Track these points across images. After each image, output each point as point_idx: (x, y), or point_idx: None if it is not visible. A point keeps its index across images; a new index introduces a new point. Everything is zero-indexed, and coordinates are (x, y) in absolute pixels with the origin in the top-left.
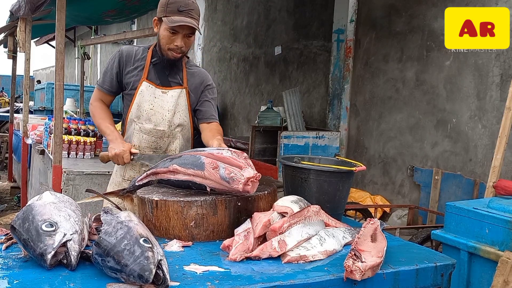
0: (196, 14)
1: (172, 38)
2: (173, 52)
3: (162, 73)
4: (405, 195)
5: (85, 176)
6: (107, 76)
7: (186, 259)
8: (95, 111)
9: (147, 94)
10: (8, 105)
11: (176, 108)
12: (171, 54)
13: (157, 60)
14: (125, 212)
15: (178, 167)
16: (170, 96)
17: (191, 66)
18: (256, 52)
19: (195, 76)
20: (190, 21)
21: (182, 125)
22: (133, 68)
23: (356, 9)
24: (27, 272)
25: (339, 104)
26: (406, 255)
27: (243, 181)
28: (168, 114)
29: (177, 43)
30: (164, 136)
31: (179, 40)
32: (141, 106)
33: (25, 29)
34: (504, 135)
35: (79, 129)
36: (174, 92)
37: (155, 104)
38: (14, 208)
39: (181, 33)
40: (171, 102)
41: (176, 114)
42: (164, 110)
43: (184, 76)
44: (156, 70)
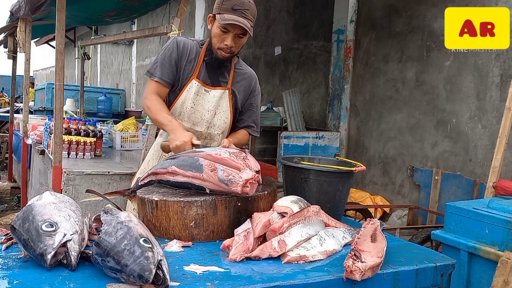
0: (250, 15)
1: (223, 36)
2: (222, 51)
3: (213, 72)
4: (405, 195)
5: (85, 176)
6: (165, 67)
7: (186, 259)
8: (151, 105)
9: (193, 92)
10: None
11: (217, 109)
12: (220, 53)
13: (209, 59)
14: (125, 212)
15: (177, 169)
16: (212, 96)
17: (241, 66)
18: (256, 52)
19: (242, 77)
20: (242, 21)
21: (222, 127)
22: (187, 62)
23: (356, 9)
24: (27, 272)
25: (339, 104)
26: (406, 255)
27: (241, 183)
28: (208, 114)
29: (227, 42)
30: (201, 137)
31: (229, 39)
32: (185, 103)
33: (25, 29)
34: (504, 135)
35: (79, 129)
36: (216, 92)
37: (197, 102)
38: (14, 208)
39: (232, 32)
40: (212, 102)
41: (217, 115)
42: (204, 110)
43: (231, 76)
44: (207, 68)
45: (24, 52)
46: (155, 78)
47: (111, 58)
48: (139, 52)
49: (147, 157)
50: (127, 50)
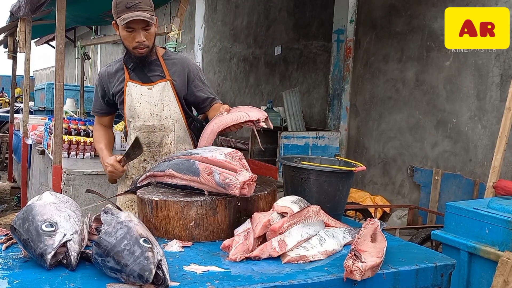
0: (145, 5)
1: (132, 36)
2: (137, 49)
3: (142, 73)
4: (405, 195)
5: (85, 176)
6: (96, 101)
7: (186, 259)
8: (94, 136)
9: (134, 93)
10: (8, 105)
11: (164, 101)
12: (137, 52)
13: (133, 65)
14: (125, 212)
15: (174, 172)
16: (155, 91)
17: (169, 56)
18: (256, 52)
19: (175, 65)
20: (140, 14)
21: (174, 117)
22: (116, 79)
23: (356, 9)
24: (27, 272)
25: (339, 104)
26: (406, 255)
27: (239, 186)
28: (156, 109)
29: (138, 39)
30: (155, 131)
31: (138, 35)
32: (131, 105)
33: (25, 29)
34: (504, 135)
35: (79, 129)
36: (158, 86)
37: (142, 101)
38: (14, 208)
39: (137, 28)
40: (157, 96)
41: (165, 107)
42: (151, 106)
43: (164, 68)
44: (136, 73)
45: (24, 52)
46: (92, 113)
47: (111, 58)
48: None
49: None
50: None
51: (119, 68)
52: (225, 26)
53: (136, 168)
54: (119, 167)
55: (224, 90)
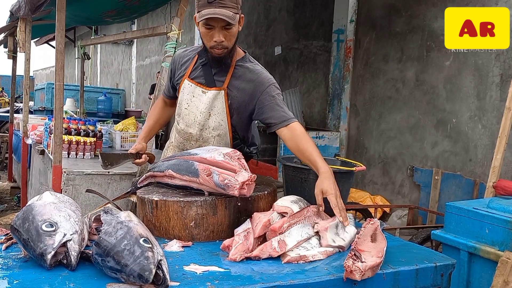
0: (230, 2)
1: (210, 33)
2: (214, 49)
3: (209, 72)
4: (405, 195)
5: (85, 176)
6: (166, 82)
7: (186, 259)
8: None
9: (186, 92)
10: (8, 105)
11: (212, 110)
12: (214, 52)
13: (204, 61)
14: (125, 212)
15: (174, 173)
16: (206, 97)
17: (244, 63)
18: (256, 52)
19: (243, 75)
20: (220, 12)
21: (217, 129)
22: (181, 68)
23: (356, 9)
24: (27, 272)
25: (339, 104)
26: (406, 255)
27: (238, 187)
28: (200, 116)
29: (215, 39)
30: (192, 139)
31: (216, 34)
32: (181, 104)
33: (25, 29)
34: (504, 135)
35: (79, 129)
36: (211, 93)
37: (191, 104)
38: (14, 208)
39: (217, 26)
40: (206, 103)
41: (212, 116)
42: (197, 111)
43: (229, 75)
44: (204, 69)
45: (24, 52)
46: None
47: (111, 58)
48: (139, 52)
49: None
50: (127, 50)
51: (191, 58)
52: None
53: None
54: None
55: None
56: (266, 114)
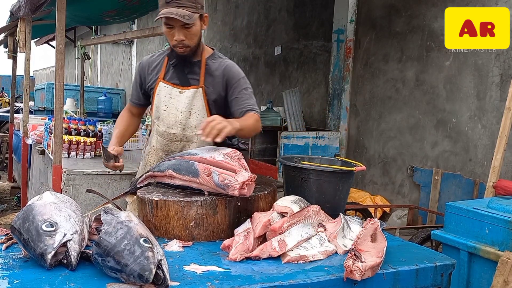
0: (187, 1)
1: (171, 33)
2: (177, 48)
3: (181, 73)
4: (405, 195)
5: (85, 176)
6: (133, 88)
7: (186, 259)
8: (117, 120)
9: (163, 94)
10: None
11: (192, 109)
12: (177, 50)
13: (174, 62)
14: (125, 212)
15: (174, 173)
16: (185, 97)
17: (213, 60)
18: (256, 52)
19: (215, 71)
20: (175, 12)
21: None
22: (152, 72)
23: (356, 9)
24: (27, 272)
25: (339, 104)
26: (406, 255)
27: (238, 187)
28: (181, 116)
29: (176, 38)
30: (176, 140)
31: (176, 33)
32: (159, 107)
33: (25, 29)
34: (504, 135)
35: (79, 129)
36: (189, 92)
37: (170, 105)
38: (14, 208)
39: (176, 26)
40: (185, 103)
41: (192, 115)
42: (177, 112)
43: (202, 73)
44: (176, 70)
45: (24, 52)
46: (129, 101)
47: (111, 58)
48: (139, 52)
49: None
50: (127, 50)
51: (160, 61)
52: (225, 26)
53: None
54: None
55: None
56: (235, 107)
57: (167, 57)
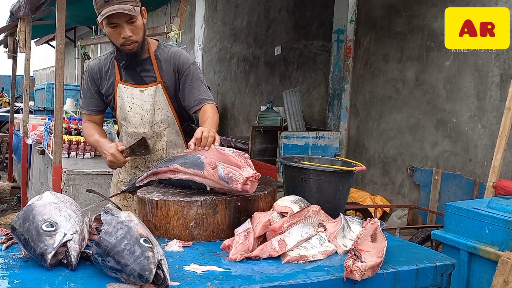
0: None
1: (116, 31)
2: (125, 46)
3: (134, 72)
4: (405, 195)
5: (85, 176)
6: (87, 97)
7: (186, 259)
8: (84, 133)
9: (125, 96)
10: (8, 105)
11: (155, 105)
12: (126, 48)
13: (125, 63)
14: (125, 212)
15: (179, 166)
16: (147, 95)
17: (161, 52)
18: (256, 52)
19: (166, 62)
20: (119, 7)
21: (165, 122)
22: (107, 79)
23: (356, 9)
24: (27, 272)
25: (339, 104)
26: (406, 255)
27: (241, 181)
28: (147, 115)
29: (123, 35)
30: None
31: (123, 30)
32: (123, 108)
33: (25, 29)
34: (504, 135)
35: (79, 129)
36: (150, 90)
37: (133, 105)
38: (14, 208)
39: (121, 23)
40: (148, 101)
41: (156, 111)
42: (142, 111)
43: (155, 68)
44: (128, 71)
45: (24, 52)
46: (83, 110)
47: None
48: None
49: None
50: None
51: (110, 65)
52: (225, 26)
53: (128, 173)
54: (120, 158)
55: (224, 90)
56: (186, 95)
57: (116, 60)
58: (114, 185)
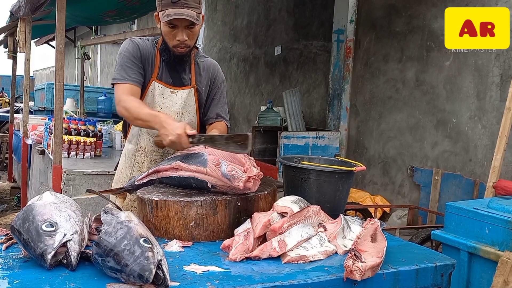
0: (193, 2)
1: (173, 33)
2: (177, 48)
3: (174, 72)
4: (405, 195)
5: (85, 176)
6: (133, 68)
7: (186, 259)
8: (129, 104)
9: (157, 94)
10: (8, 105)
11: (185, 108)
12: (177, 50)
13: (168, 58)
14: (125, 212)
15: (182, 164)
16: (179, 97)
17: (200, 59)
18: (256, 52)
19: (203, 71)
20: (185, 12)
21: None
22: (147, 63)
23: (356, 9)
24: (27, 272)
25: (339, 104)
26: (406, 255)
27: (244, 179)
28: (176, 117)
29: (179, 38)
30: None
31: (180, 34)
32: (151, 106)
33: (25, 29)
34: (504, 135)
35: (79, 129)
36: (183, 92)
37: (163, 105)
38: (14, 208)
39: (181, 26)
40: (179, 103)
41: (184, 115)
42: (172, 112)
43: (193, 73)
44: (168, 68)
45: (24, 52)
46: (124, 81)
47: (111, 58)
48: None
49: (119, 165)
50: None
51: (152, 53)
52: (225, 26)
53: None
54: (185, 141)
55: None
56: (208, 106)
57: (159, 52)
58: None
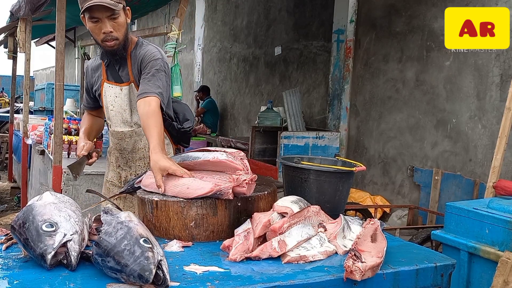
0: None
1: (97, 27)
2: (106, 42)
3: (114, 71)
4: (405, 195)
5: (85, 177)
6: (85, 95)
7: (186, 259)
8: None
9: (109, 94)
10: (8, 105)
11: (131, 105)
12: (106, 45)
13: (107, 61)
14: (125, 213)
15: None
16: (124, 94)
17: (136, 50)
18: (256, 52)
19: (135, 62)
20: (100, 0)
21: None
22: (96, 76)
23: (356, 9)
24: (27, 272)
25: (339, 104)
26: (406, 255)
27: (230, 192)
28: (125, 114)
29: (104, 30)
30: (125, 137)
31: (104, 26)
32: (107, 107)
33: (25, 30)
34: (504, 135)
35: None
36: (125, 89)
37: (115, 104)
38: (14, 208)
39: (102, 18)
40: (125, 100)
41: (133, 111)
42: (122, 110)
43: (129, 67)
44: (110, 69)
45: (24, 52)
46: (83, 106)
47: None
48: None
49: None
50: None
51: (99, 63)
52: (225, 26)
53: (114, 172)
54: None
55: (224, 90)
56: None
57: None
58: (104, 184)
